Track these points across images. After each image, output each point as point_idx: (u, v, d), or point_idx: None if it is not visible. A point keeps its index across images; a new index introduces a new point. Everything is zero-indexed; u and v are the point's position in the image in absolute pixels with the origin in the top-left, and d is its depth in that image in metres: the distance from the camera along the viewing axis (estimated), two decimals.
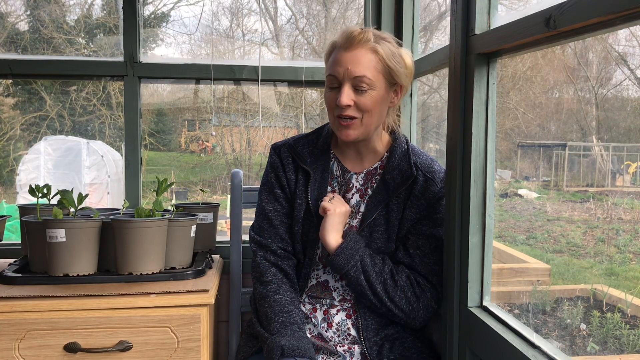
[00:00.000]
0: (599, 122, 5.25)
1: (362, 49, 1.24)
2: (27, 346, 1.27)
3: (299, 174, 1.38)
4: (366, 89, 1.24)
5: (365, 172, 1.37)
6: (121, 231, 1.34)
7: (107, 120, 7.43)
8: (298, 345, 1.21)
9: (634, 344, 2.93)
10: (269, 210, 1.38)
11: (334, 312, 1.32)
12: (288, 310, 1.28)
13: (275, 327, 1.25)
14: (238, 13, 8.03)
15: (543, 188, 5.91)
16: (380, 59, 1.25)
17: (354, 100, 1.25)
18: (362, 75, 1.23)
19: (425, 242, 1.30)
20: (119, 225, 1.34)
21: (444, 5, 4.11)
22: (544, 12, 0.94)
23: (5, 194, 7.46)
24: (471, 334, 1.18)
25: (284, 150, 1.40)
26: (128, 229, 1.33)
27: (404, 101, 1.82)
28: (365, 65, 1.23)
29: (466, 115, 1.19)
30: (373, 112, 1.27)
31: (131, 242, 1.34)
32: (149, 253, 1.36)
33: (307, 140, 1.40)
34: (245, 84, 1.99)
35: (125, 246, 1.35)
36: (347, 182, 1.37)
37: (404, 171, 1.31)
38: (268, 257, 1.35)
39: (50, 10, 7.28)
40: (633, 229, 4.76)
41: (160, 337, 1.30)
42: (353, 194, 1.36)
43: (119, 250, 1.36)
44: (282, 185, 1.39)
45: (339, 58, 1.26)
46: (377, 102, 1.26)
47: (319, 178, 1.36)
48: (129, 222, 1.33)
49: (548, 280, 3.76)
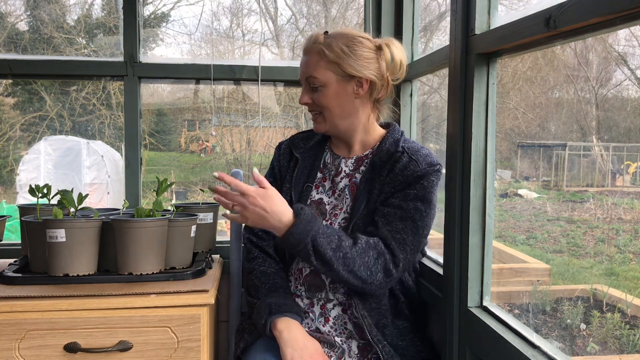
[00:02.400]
0: (599, 122, 5.25)
1: (312, 52, 1.36)
2: (27, 346, 1.27)
3: (292, 161, 1.49)
4: (318, 87, 1.35)
5: (355, 158, 1.43)
6: (121, 231, 1.34)
7: (107, 120, 7.44)
8: (285, 302, 1.29)
9: (634, 344, 2.93)
10: None
11: (331, 306, 1.34)
12: (274, 279, 1.36)
13: (262, 293, 1.32)
14: (238, 13, 8.02)
15: (543, 188, 5.91)
16: (329, 58, 1.34)
17: (312, 98, 1.37)
18: (311, 76, 1.35)
19: (391, 210, 1.31)
20: (119, 225, 1.34)
21: (444, 5, 4.11)
22: (544, 12, 0.94)
23: (5, 194, 7.46)
24: (471, 334, 1.18)
25: (285, 143, 1.54)
26: (128, 229, 1.33)
27: (404, 101, 1.82)
28: (313, 66, 1.35)
29: (466, 115, 1.19)
30: (331, 107, 1.36)
31: (131, 242, 1.34)
32: (149, 253, 1.36)
33: (306, 134, 1.52)
34: (245, 84, 1.99)
35: (125, 246, 1.35)
36: (336, 167, 1.43)
37: (391, 153, 1.36)
38: (252, 239, 1.45)
39: (50, 10, 7.28)
40: (633, 229, 4.76)
41: (160, 337, 1.30)
42: (342, 178, 1.42)
43: (119, 250, 1.36)
44: (274, 174, 1.51)
45: (301, 62, 1.41)
46: (331, 98, 1.35)
47: (308, 165, 1.45)
48: (129, 222, 1.33)
49: (548, 280, 3.76)
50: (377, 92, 1.39)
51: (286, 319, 1.26)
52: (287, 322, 1.26)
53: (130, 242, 1.34)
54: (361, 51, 1.35)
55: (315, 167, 1.45)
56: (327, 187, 1.43)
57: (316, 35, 1.38)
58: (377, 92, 1.38)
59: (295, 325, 1.27)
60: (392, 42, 1.39)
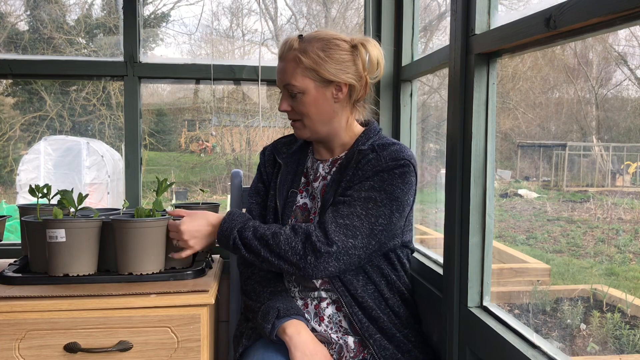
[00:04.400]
0: (599, 122, 5.25)
1: (288, 60, 1.33)
2: (27, 346, 1.27)
3: (275, 167, 1.48)
4: (296, 94, 1.33)
5: (332, 161, 1.43)
6: (121, 231, 1.34)
7: (107, 120, 7.44)
8: (292, 306, 1.29)
9: (634, 344, 2.92)
10: (251, 204, 1.48)
11: (324, 305, 1.35)
12: (274, 283, 1.36)
13: (265, 296, 1.32)
14: (238, 13, 8.02)
15: (543, 188, 5.91)
16: (305, 65, 1.31)
17: (291, 105, 1.36)
18: (288, 84, 1.33)
19: (341, 199, 1.30)
20: (119, 225, 1.34)
21: (444, 5, 4.11)
22: (544, 12, 0.94)
23: (5, 194, 7.46)
24: (471, 334, 1.18)
25: (269, 149, 1.53)
26: (128, 229, 1.33)
27: (404, 101, 1.82)
28: (290, 73, 1.33)
29: (466, 115, 1.19)
30: (310, 114, 1.34)
31: (131, 242, 1.34)
32: (149, 253, 1.36)
33: (289, 138, 1.52)
34: (245, 84, 1.99)
35: (125, 246, 1.35)
36: (314, 172, 1.43)
37: (359, 152, 1.35)
38: None
39: (50, 10, 7.28)
40: (633, 229, 4.76)
41: (160, 337, 1.30)
42: (319, 182, 1.41)
43: (119, 250, 1.36)
44: (262, 180, 1.50)
45: (277, 68, 1.38)
46: (310, 105, 1.33)
47: (292, 171, 1.45)
48: (129, 222, 1.33)
49: (548, 280, 3.75)
50: (357, 94, 1.37)
51: (295, 321, 1.26)
52: (296, 326, 1.26)
53: (130, 242, 1.34)
54: (338, 55, 1.33)
55: (299, 172, 1.45)
56: (310, 191, 1.42)
57: (291, 40, 1.35)
58: (357, 94, 1.37)
59: (304, 328, 1.27)
60: (367, 41, 1.36)
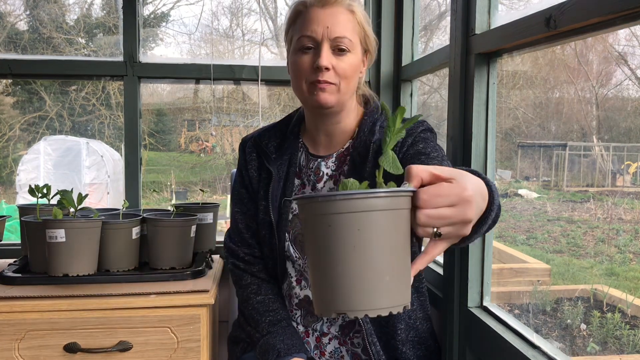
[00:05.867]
0: (599, 122, 5.24)
1: (340, 7, 1.12)
2: (27, 346, 1.27)
3: (262, 172, 1.27)
4: (345, 52, 1.12)
5: (336, 155, 1.23)
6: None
7: (106, 120, 7.43)
8: (292, 343, 1.16)
9: (634, 344, 2.92)
10: (236, 213, 1.32)
11: (326, 340, 1.22)
12: (273, 309, 1.22)
13: (264, 328, 1.20)
14: (238, 13, 8.01)
15: (543, 188, 5.91)
16: (358, 20, 1.14)
17: (333, 65, 1.11)
18: (343, 36, 1.11)
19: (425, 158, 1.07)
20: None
21: (444, 5, 4.11)
22: (544, 12, 0.94)
23: (5, 194, 7.45)
24: (471, 334, 1.18)
25: (249, 145, 1.31)
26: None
27: (404, 101, 1.82)
28: (344, 24, 1.11)
29: (466, 115, 1.19)
30: (350, 79, 1.14)
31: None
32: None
33: (274, 132, 1.29)
34: (245, 84, 1.99)
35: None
36: (315, 172, 1.24)
37: (369, 143, 1.17)
38: (238, 264, 1.29)
39: (50, 10, 7.27)
40: (633, 229, 4.76)
41: (160, 337, 1.30)
42: (325, 182, 1.22)
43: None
44: (245, 185, 1.30)
45: (314, 16, 1.12)
46: (354, 68, 1.14)
47: (283, 175, 1.24)
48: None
49: (548, 281, 3.76)
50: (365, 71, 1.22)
51: None
52: None
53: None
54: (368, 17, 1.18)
55: (290, 174, 1.25)
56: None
57: None
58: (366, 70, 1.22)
59: None
60: None
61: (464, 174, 0.68)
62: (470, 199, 0.65)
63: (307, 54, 1.13)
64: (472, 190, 0.66)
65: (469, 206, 0.66)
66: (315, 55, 1.12)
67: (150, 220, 1.44)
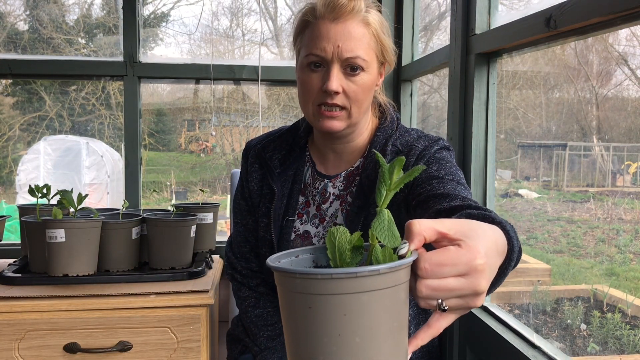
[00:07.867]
0: (600, 122, 5.24)
1: (353, 20, 1.00)
2: (27, 346, 1.27)
3: (264, 187, 1.18)
4: (358, 73, 1.01)
5: (345, 175, 1.13)
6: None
7: (106, 120, 7.43)
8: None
9: (635, 344, 2.92)
10: (237, 224, 1.26)
11: None
12: (271, 323, 1.18)
13: (262, 342, 1.16)
14: (238, 13, 8.00)
15: (543, 188, 5.90)
16: (373, 33, 1.02)
17: (343, 87, 1.01)
18: (355, 56, 0.99)
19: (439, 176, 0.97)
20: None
21: (444, 5, 4.11)
22: (544, 12, 0.94)
23: (4, 194, 7.45)
24: (471, 334, 1.18)
25: (252, 154, 1.21)
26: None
27: (404, 101, 1.82)
28: (357, 42, 0.99)
29: (466, 115, 1.19)
30: (363, 102, 1.03)
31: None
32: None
33: (280, 142, 1.19)
34: (245, 84, 1.99)
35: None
36: (321, 193, 1.14)
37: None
38: (235, 277, 1.24)
39: (50, 10, 7.27)
40: (633, 229, 4.76)
41: (160, 337, 1.30)
42: (331, 202, 1.13)
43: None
44: (244, 196, 1.23)
45: (325, 31, 0.99)
46: (368, 88, 1.03)
47: (287, 192, 1.15)
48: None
49: (548, 281, 3.75)
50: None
51: None
52: None
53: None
54: (387, 26, 1.06)
55: (295, 191, 1.15)
56: (311, 214, 1.14)
57: None
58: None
59: None
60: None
61: (476, 231, 0.57)
62: (482, 267, 0.55)
63: (316, 72, 1.02)
64: (486, 254, 0.56)
65: (481, 275, 0.55)
66: (324, 76, 1.01)
67: (150, 220, 1.44)
